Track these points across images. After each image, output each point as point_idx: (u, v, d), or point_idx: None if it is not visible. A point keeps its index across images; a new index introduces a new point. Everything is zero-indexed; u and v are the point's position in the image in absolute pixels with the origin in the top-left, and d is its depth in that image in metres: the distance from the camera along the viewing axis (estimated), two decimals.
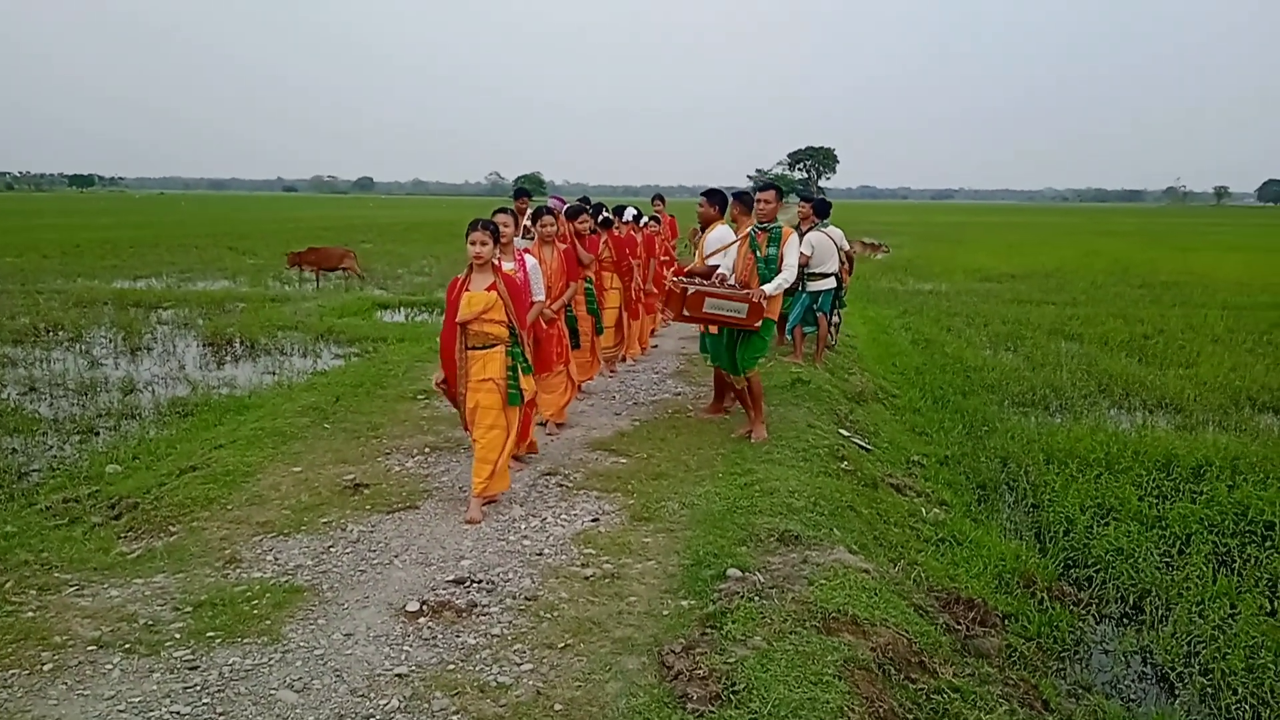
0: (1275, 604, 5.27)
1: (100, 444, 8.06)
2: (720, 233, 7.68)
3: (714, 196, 7.69)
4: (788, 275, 6.91)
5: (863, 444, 7.60)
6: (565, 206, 8.34)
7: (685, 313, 7.01)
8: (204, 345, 13.14)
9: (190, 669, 3.67)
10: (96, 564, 4.79)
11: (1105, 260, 30.99)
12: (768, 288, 6.81)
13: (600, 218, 10.22)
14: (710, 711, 3.36)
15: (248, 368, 11.74)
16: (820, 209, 10.61)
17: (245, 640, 3.91)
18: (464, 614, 4.17)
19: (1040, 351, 13.27)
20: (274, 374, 11.18)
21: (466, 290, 5.43)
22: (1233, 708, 4.39)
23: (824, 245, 10.29)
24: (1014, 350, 13.67)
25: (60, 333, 13.75)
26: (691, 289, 6.91)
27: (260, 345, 13.08)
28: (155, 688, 3.54)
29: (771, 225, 7.05)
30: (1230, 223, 77.10)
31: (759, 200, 7.09)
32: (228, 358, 12.43)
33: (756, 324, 6.88)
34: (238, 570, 4.66)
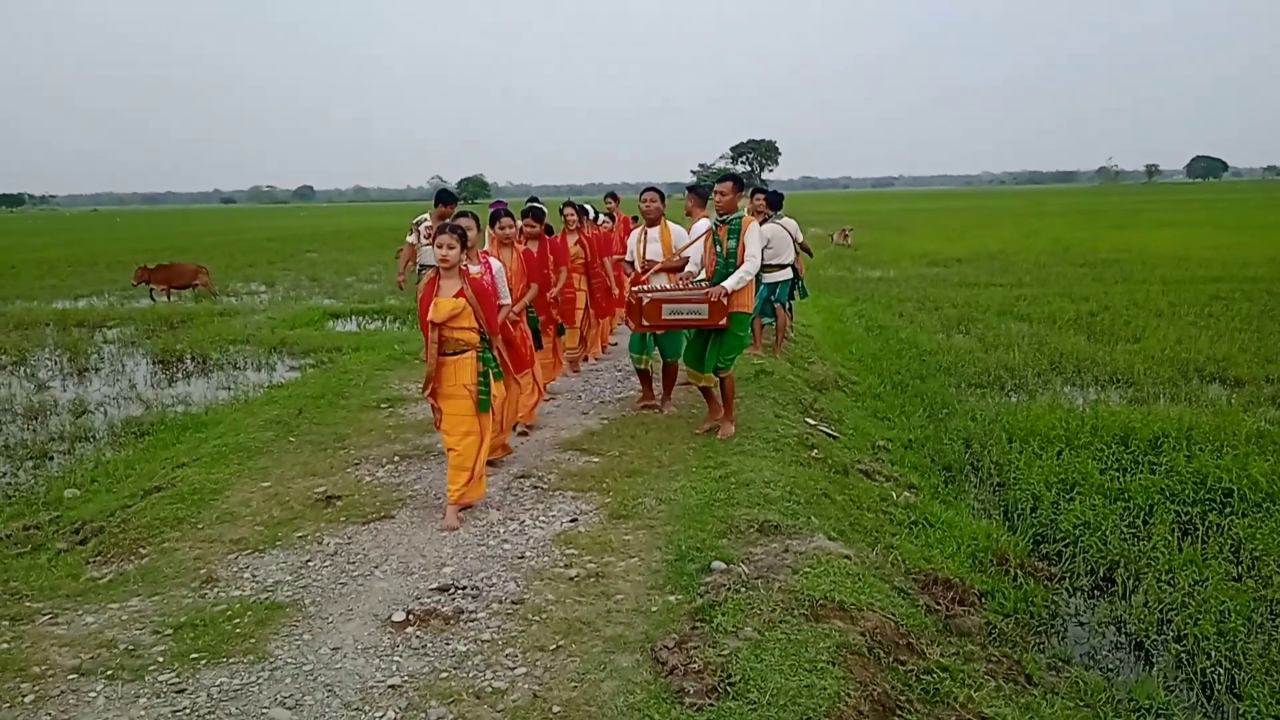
0: (1240, 569, 5.43)
1: (55, 468, 7.88)
2: (678, 230, 7.71)
3: (695, 189, 7.72)
4: (749, 267, 6.72)
5: (830, 431, 7.67)
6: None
7: (645, 323, 6.88)
8: (154, 363, 12.90)
9: (177, 692, 3.60)
10: (68, 590, 4.69)
11: (1046, 240, 31.60)
12: (728, 283, 6.65)
13: (590, 216, 10.25)
14: (709, 704, 3.38)
15: (201, 384, 11.53)
16: (773, 200, 10.69)
17: (231, 660, 3.85)
18: (452, 621, 4.14)
19: (992, 333, 13.50)
20: (229, 389, 10.99)
21: (436, 296, 5.39)
22: (1207, 671, 4.50)
23: (779, 236, 10.36)
24: (966, 333, 13.89)
25: (2, 356, 13.39)
26: (647, 298, 6.78)
27: (212, 360, 12.87)
28: (143, 713, 3.47)
29: (731, 217, 6.90)
30: (1162, 200, 78.91)
31: (716, 192, 6.97)
32: (179, 375, 12.20)
33: (721, 322, 6.76)
34: (215, 589, 4.58)
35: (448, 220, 5.48)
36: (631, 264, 7.74)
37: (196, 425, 8.72)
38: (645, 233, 7.75)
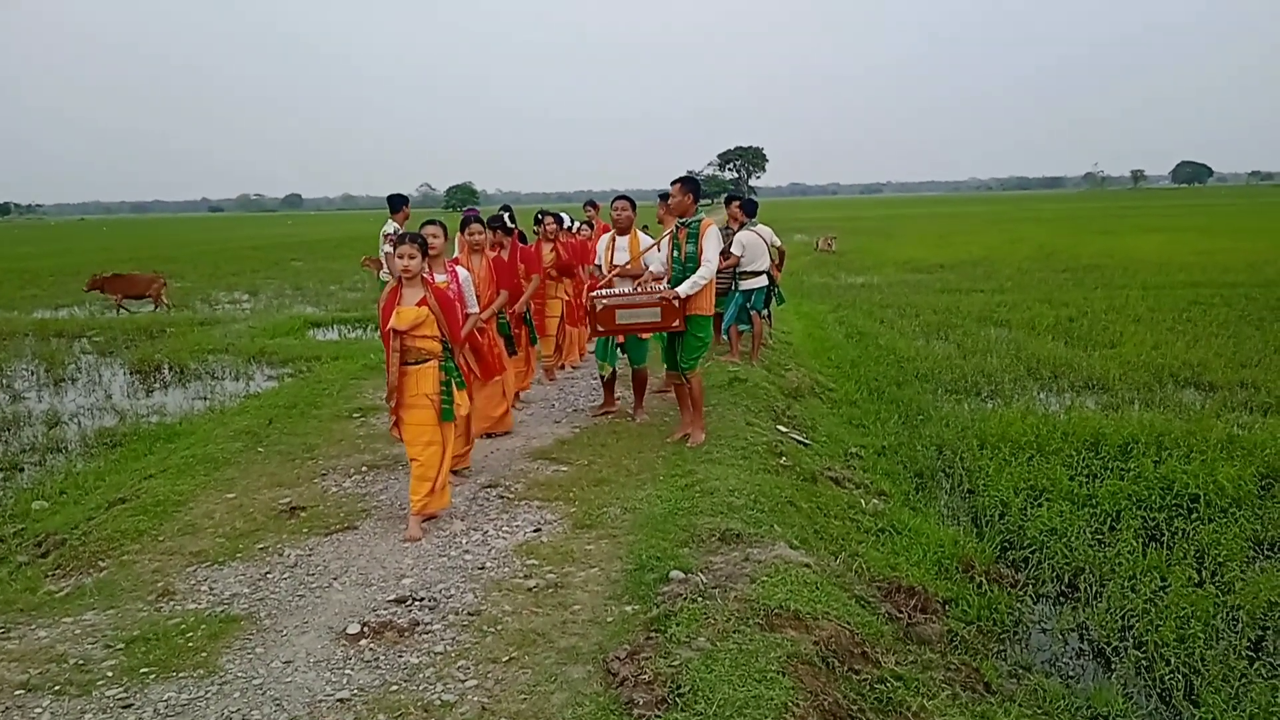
0: (1203, 574, 5.44)
1: (25, 480, 7.82)
2: (648, 240, 7.73)
3: (665, 197, 7.71)
4: (704, 271, 6.68)
5: (801, 439, 7.67)
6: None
7: (600, 328, 7.01)
8: (131, 373, 12.81)
9: (124, 707, 3.57)
10: (23, 604, 4.65)
11: (1030, 247, 31.73)
12: (682, 287, 6.67)
13: (568, 225, 10.26)
14: (656, 716, 3.36)
15: (178, 394, 11.46)
16: (748, 208, 10.69)
17: (180, 674, 3.82)
18: (406, 633, 4.12)
19: (971, 339, 13.54)
20: (205, 399, 10.94)
21: (398, 305, 5.37)
22: (1166, 678, 4.51)
23: (754, 244, 10.36)
24: (945, 339, 13.93)
25: None
26: (600, 304, 6.89)
27: (190, 370, 12.79)
28: None
29: (690, 220, 6.89)
30: (1147, 205, 79.40)
31: (670, 196, 6.99)
32: (157, 385, 12.13)
33: (674, 324, 6.78)
34: (171, 603, 4.55)
35: (404, 230, 5.46)
36: (600, 269, 7.77)
37: (169, 435, 8.68)
38: (615, 240, 7.75)
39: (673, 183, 6.96)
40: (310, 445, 7.35)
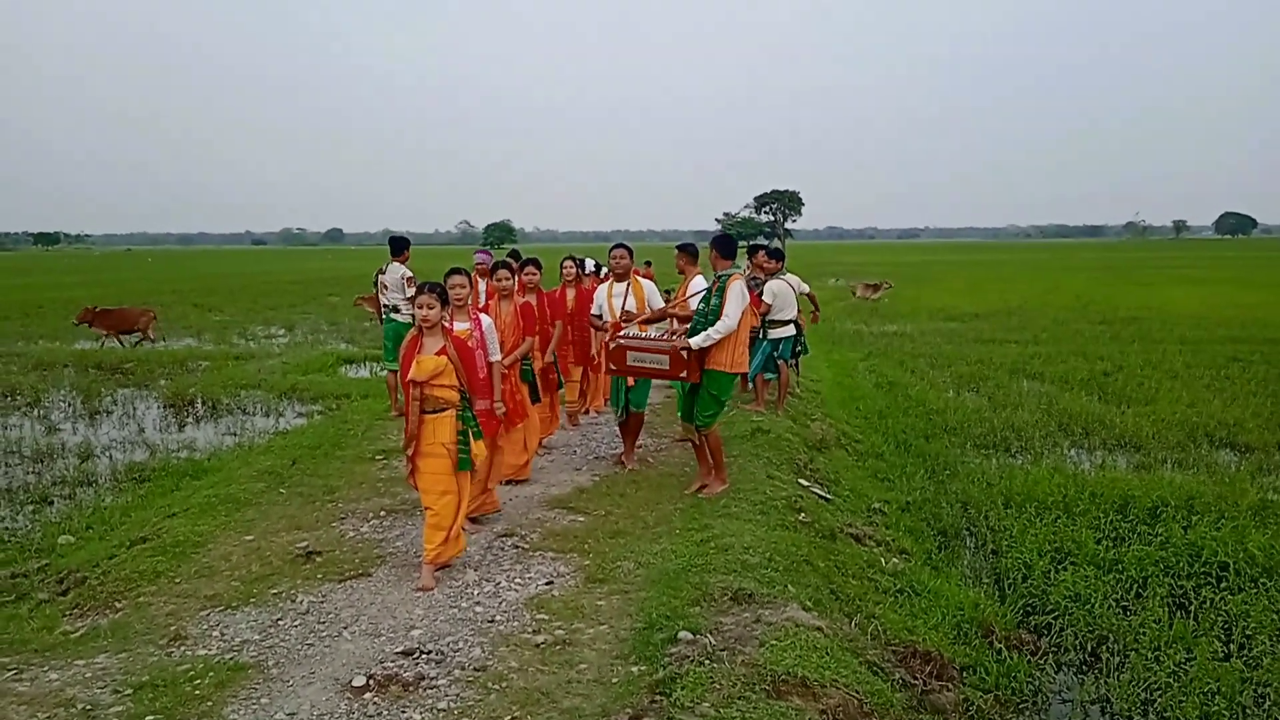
0: (1230, 648, 5.30)
1: (54, 513, 7.94)
2: (697, 282, 7.77)
3: (684, 248, 7.87)
4: (720, 326, 6.68)
5: (822, 494, 7.60)
6: (492, 260, 8.49)
7: (612, 366, 7.23)
8: (165, 407, 12.99)
9: None
10: (38, 645, 4.70)
11: (1066, 297, 31.43)
12: (694, 339, 6.72)
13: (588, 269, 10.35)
14: None
15: (209, 429, 11.60)
16: (775, 257, 10.71)
17: None
18: (411, 688, 4.10)
19: (1002, 391, 13.39)
20: (235, 435, 11.07)
21: (418, 355, 5.41)
22: None
23: (783, 292, 10.37)
24: (976, 391, 13.78)
25: (18, 397, 13.56)
26: (615, 343, 7.12)
27: (222, 405, 12.95)
28: None
29: (722, 275, 6.93)
30: (1189, 256, 78.52)
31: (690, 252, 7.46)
32: (189, 419, 12.28)
33: (682, 374, 6.82)
34: (182, 648, 4.57)
35: (426, 282, 5.52)
36: (599, 317, 8.03)
37: (196, 472, 8.78)
38: (612, 287, 7.97)
39: (714, 240, 7.22)
40: (331, 487, 7.40)
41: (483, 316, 6.33)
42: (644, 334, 7.42)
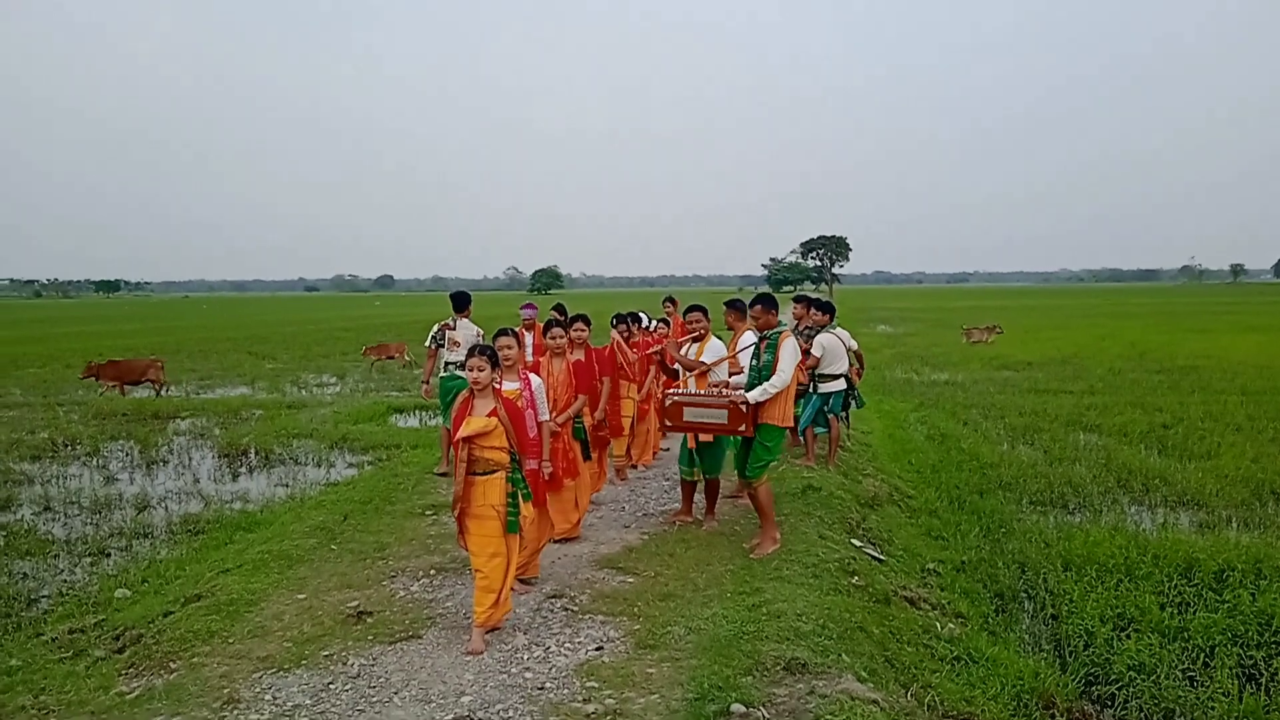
0: None
1: (111, 566, 8.07)
2: (747, 337, 7.79)
3: (733, 305, 8.01)
4: (776, 380, 6.88)
5: (876, 554, 7.48)
6: (536, 313, 8.55)
7: (668, 423, 7.32)
8: (219, 456, 13.19)
9: None
10: (95, 706, 4.74)
11: (1121, 344, 30.86)
12: (752, 394, 6.90)
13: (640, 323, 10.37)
14: None
15: (261, 479, 11.76)
16: (825, 310, 10.67)
17: None
18: None
19: (1058, 445, 13.13)
20: (287, 486, 11.20)
21: (469, 415, 5.44)
22: None
23: (834, 346, 10.31)
24: (1031, 444, 13.53)
25: (78, 447, 13.86)
26: (671, 399, 7.19)
27: (275, 455, 13.12)
28: None
29: (772, 332, 7.12)
30: (1247, 301, 76.93)
31: (750, 314, 7.33)
32: (242, 469, 12.46)
33: (740, 428, 6.94)
34: (235, 712, 4.58)
35: (476, 344, 5.57)
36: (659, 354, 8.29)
37: (249, 525, 8.88)
38: (688, 348, 7.97)
39: (752, 302, 7.32)
40: (382, 544, 7.43)
41: (532, 376, 6.35)
42: (693, 390, 7.45)
